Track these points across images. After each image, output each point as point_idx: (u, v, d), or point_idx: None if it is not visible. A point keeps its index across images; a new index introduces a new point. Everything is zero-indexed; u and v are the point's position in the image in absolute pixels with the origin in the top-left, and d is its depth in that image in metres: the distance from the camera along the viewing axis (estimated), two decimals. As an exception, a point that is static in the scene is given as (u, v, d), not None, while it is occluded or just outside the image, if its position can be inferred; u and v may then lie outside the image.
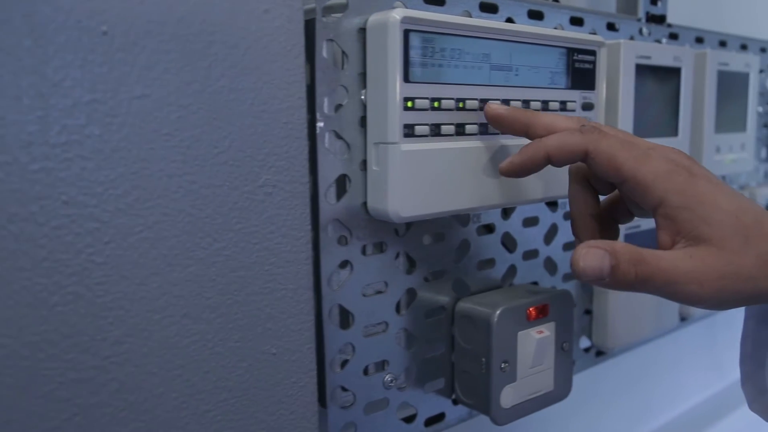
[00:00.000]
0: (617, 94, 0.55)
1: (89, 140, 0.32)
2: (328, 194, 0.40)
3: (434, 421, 0.48)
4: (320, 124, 0.39)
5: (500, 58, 0.44)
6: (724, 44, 0.73)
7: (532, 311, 0.46)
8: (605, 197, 0.42)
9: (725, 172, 0.70)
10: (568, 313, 0.49)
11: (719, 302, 0.33)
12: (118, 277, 0.33)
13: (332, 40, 0.39)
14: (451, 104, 0.41)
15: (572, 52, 0.49)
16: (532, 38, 0.46)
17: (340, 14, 0.39)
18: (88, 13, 0.31)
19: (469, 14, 0.46)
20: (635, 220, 0.59)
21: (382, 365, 0.44)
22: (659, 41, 0.64)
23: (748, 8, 0.92)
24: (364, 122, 0.41)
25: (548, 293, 0.48)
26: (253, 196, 0.37)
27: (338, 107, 0.40)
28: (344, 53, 0.40)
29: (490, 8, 0.48)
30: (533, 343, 0.46)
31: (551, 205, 0.55)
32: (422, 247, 0.45)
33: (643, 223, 0.60)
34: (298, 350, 0.40)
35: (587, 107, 0.51)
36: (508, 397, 0.45)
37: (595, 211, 0.41)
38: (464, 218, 0.48)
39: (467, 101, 0.42)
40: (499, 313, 0.44)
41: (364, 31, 0.40)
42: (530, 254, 0.53)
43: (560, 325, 0.48)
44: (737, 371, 0.46)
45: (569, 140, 0.38)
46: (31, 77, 0.30)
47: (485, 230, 0.50)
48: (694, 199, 0.34)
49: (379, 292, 0.43)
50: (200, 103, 0.35)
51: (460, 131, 0.42)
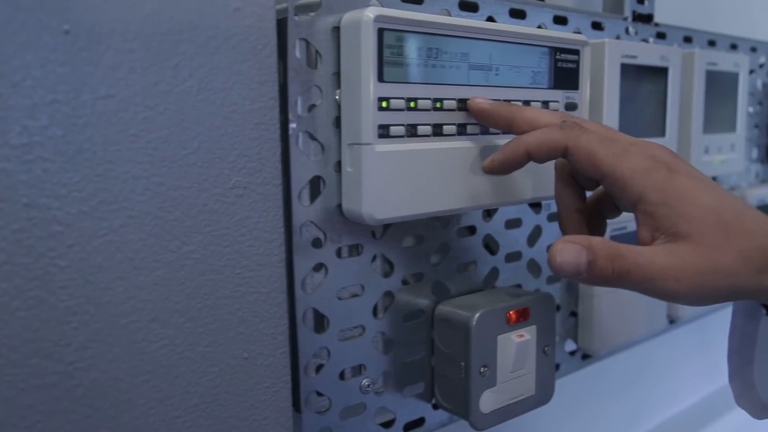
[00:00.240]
0: (602, 94, 0.55)
1: (51, 141, 0.31)
2: (301, 196, 0.40)
3: (414, 426, 0.48)
4: (293, 125, 0.39)
5: (479, 57, 0.44)
6: (713, 44, 0.72)
7: (512, 315, 0.46)
8: (592, 193, 0.42)
9: (715, 173, 0.69)
10: (549, 316, 0.48)
11: (697, 298, 0.33)
12: (82, 281, 0.33)
13: (305, 39, 0.38)
14: (427, 104, 0.41)
15: (555, 51, 0.49)
16: (512, 37, 0.45)
17: (313, 13, 0.39)
18: (49, 11, 0.31)
19: (448, 13, 0.46)
20: (622, 221, 0.58)
21: (358, 370, 0.44)
22: (646, 41, 0.63)
23: (738, 7, 0.91)
24: (338, 123, 0.40)
25: (529, 296, 0.47)
26: (223, 198, 0.37)
27: (312, 107, 0.39)
28: (318, 53, 0.39)
29: (470, 7, 0.47)
30: (513, 347, 0.45)
31: (534, 206, 0.54)
32: (400, 249, 0.45)
33: (629, 224, 0.59)
34: (271, 354, 0.40)
35: (570, 107, 0.51)
36: (487, 401, 0.45)
37: (580, 206, 0.41)
38: (444, 220, 0.47)
39: (445, 101, 0.42)
40: (477, 316, 0.44)
41: (338, 30, 0.39)
42: (513, 256, 0.53)
43: (542, 328, 0.48)
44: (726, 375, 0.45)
45: (549, 137, 0.38)
46: (-12, 77, 0.29)
47: (466, 232, 0.49)
48: (672, 195, 0.34)
49: (355, 295, 0.43)
50: (167, 103, 0.34)
51: (437, 132, 0.42)
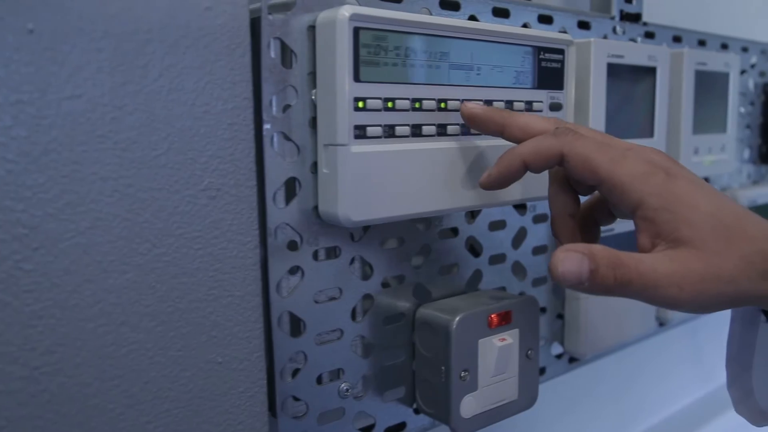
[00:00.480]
0: (588, 94, 0.54)
1: (15, 142, 0.31)
2: (276, 198, 0.39)
3: (395, 430, 0.47)
4: (267, 125, 0.38)
5: (460, 56, 0.43)
6: (703, 43, 0.72)
7: (493, 318, 0.45)
8: (586, 198, 0.42)
9: (705, 173, 0.69)
10: (533, 319, 0.48)
11: (700, 305, 0.33)
12: (48, 284, 0.32)
13: (279, 38, 0.38)
14: (406, 104, 0.40)
15: (539, 50, 0.48)
16: (494, 36, 0.45)
17: (288, 12, 0.38)
18: (12, 10, 0.30)
19: (429, 12, 0.45)
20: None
21: (337, 374, 0.43)
22: (634, 40, 0.63)
23: (729, 7, 0.91)
24: (314, 123, 0.40)
25: (512, 299, 0.47)
26: (195, 200, 0.36)
27: (287, 108, 0.39)
28: (293, 52, 0.39)
29: (451, 5, 0.47)
30: (495, 351, 0.45)
31: (519, 208, 0.54)
32: (380, 251, 0.44)
33: (616, 226, 0.59)
34: (246, 359, 0.39)
35: (555, 107, 0.50)
36: (468, 406, 0.44)
37: (574, 211, 0.40)
38: (425, 221, 0.47)
39: (424, 101, 0.41)
40: (458, 320, 0.43)
41: (314, 29, 0.39)
42: (497, 259, 0.52)
43: (525, 332, 0.47)
44: (722, 375, 0.45)
45: (543, 145, 0.38)
46: (-53, 77, 0.29)
47: (449, 234, 0.49)
48: (672, 200, 0.34)
49: (332, 298, 0.42)
50: (136, 103, 0.34)
51: (416, 132, 0.41)
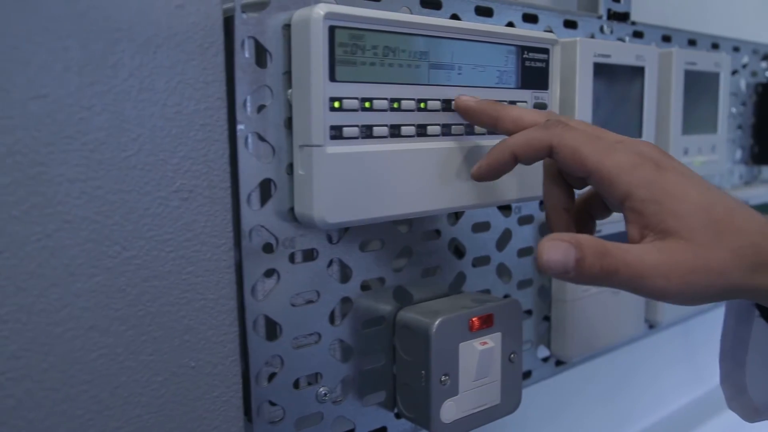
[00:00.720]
0: (574, 94, 0.54)
1: (-22, 143, 0.30)
2: (251, 199, 0.39)
3: (375, 435, 0.47)
4: (241, 126, 0.38)
5: (440, 56, 0.43)
6: (693, 43, 0.71)
7: (475, 321, 0.45)
8: (581, 192, 0.42)
9: (695, 174, 0.68)
10: (515, 322, 0.47)
11: (688, 297, 0.32)
12: (13, 288, 0.32)
13: (254, 37, 0.38)
14: (384, 104, 0.40)
15: (522, 50, 0.48)
16: (476, 35, 0.44)
17: (262, 11, 0.38)
18: (-26, 8, 0.30)
19: (409, 11, 0.45)
20: (597, 224, 0.57)
21: (315, 378, 0.43)
22: (622, 40, 0.62)
23: (720, 6, 0.90)
24: (290, 124, 0.39)
25: (494, 302, 0.47)
26: (167, 201, 0.36)
27: (261, 108, 0.38)
28: (268, 51, 0.38)
29: (433, 4, 0.47)
30: (476, 354, 0.44)
31: (504, 209, 0.53)
32: (359, 254, 0.44)
33: (604, 227, 0.59)
34: (220, 363, 0.39)
35: (540, 107, 0.50)
36: (449, 411, 0.44)
37: (568, 205, 0.40)
38: (406, 223, 0.46)
39: (403, 101, 0.41)
40: (438, 323, 0.43)
41: (289, 27, 0.38)
42: (481, 261, 0.52)
43: (507, 335, 0.47)
44: (715, 377, 0.45)
45: (533, 136, 0.38)
46: None
47: (431, 236, 0.48)
48: (661, 191, 0.34)
49: (310, 301, 0.42)
50: (105, 104, 0.33)
51: (395, 133, 0.41)
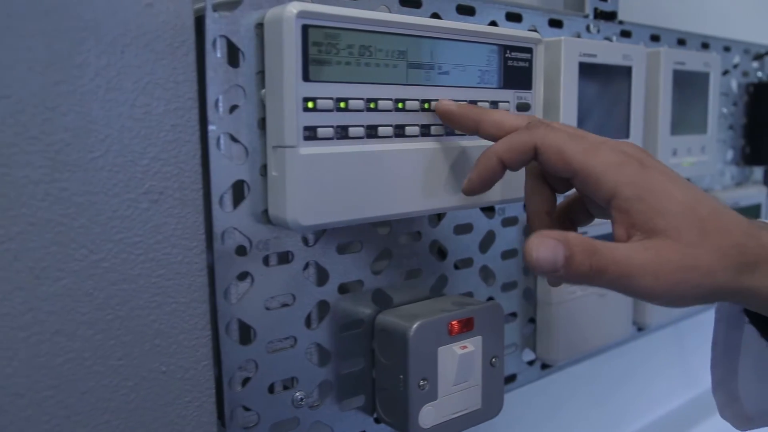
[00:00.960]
0: (558, 94, 0.54)
1: (-62, 144, 0.30)
2: (223, 201, 0.38)
3: (354, 440, 0.46)
4: (212, 126, 0.37)
5: (419, 55, 0.43)
6: (682, 42, 0.71)
7: (454, 325, 0.44)
8: (563, 199, 0.42)
9: (684, 175, 0.68)
10: (497, 326, 0.47)
11: (676, 297, 0.32)
12: (-24, 292, 0.31)
13: (226, 36, 0.37)
14: (359, 105, 0.40)
15: (505, 49, 0.48)
16: (456, 34, 0.44)
17: (235, 9, 0.37)
18: (-67, 6, 0.29)
19: (387, 9, 0.45)
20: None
21: (291, 383, 0.42)
22: (609, 39, 0.62)
23: (710, 5, 0.90)
24: (264, 124, 0.39)
25: (474, 305, 0.46)
26: (136, 204, 0.35)
27: (234, 108, 0.38)
28: (240, 51, 0.38)
29: (412, 3, 0.46)
30: (455, 359, 0.44)
31: (487, 211, 0.53)
32: (336, 256, 0.43)
33: (589, 230, 0.58)
34: (192, 367, 0.38)
35: (523, 108, 0.49)
36: (428, 416, 0.43)
37: (550, 209, 0.40)
38: (385, 225, 0.46)
39: (380, 101, 0.41)
40: (415, 327, 0.42)
41: (262, 26, 0.38)
42: (463, 263, 0.52)
43: (488, 339, 0.46)
44: (705, 381, 0.45)
45: (516, 139, 0.38)
46: None
47: (411, 238, 0.48)
48: (646, 190, 0.34)
49: (285, 305, 0.41)
50: (71, 104, 0.33)
51: (371, 134, 0.40)
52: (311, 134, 0.38)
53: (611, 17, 0.62)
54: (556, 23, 0.57)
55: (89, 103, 0.33)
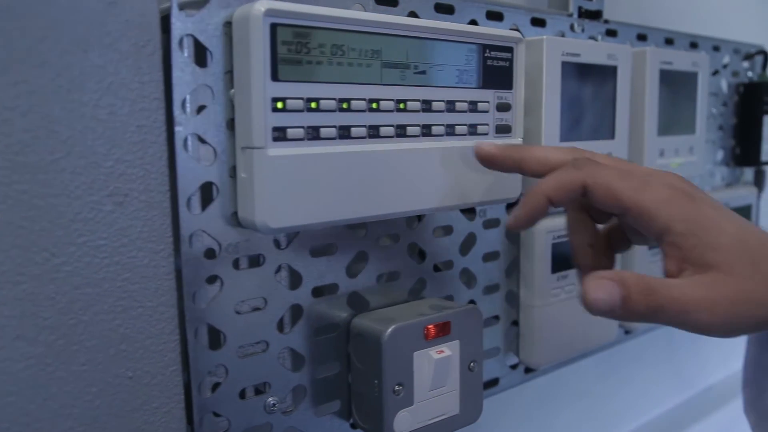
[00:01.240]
0: (540, 94, 0.53)
1: None
2: (191, 203, 0.38)
3: (330, 446, 0.46)
4: (179, 127, 0.37)
5: (394, 54, 0.42)
6: (670, 42, 0.70)
7: (430, 329, 0.44)
8: (603, 226, 0.42)
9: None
10: (475, 330, 0.47)
11: (730, 329, 0.33)
12: (-69, 296, 0.31)
13: (192, 35, 0.37)
14: (331, 105, 0.39)
15: (484, 48, 0.47)
16: (432, 33, 0.44)
17: (202, 8, 0.37)
18: None
19: (362, 8, 0.44)
20: (562, 228, 0.56)
21: (263, 388, 0.42)
22: (594, 38, 0.62)
23: (699, 4, 0.89)
24: (233, 125, 0.38)
25: (452, 309, 0.46)
26: (99, 206, 0.35)
27: (201, 109, 0.38)
28: (208, 50, 0.37)
29: (388, 1, 0.46)
30: (432, 363, 0.44)
31: (468, 212, 0.52)
32: (309, 259, 0.43)
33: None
34: (159, 373, 0.38)
35: (503, 108, 0.49)
36: (403, 421, 0.43)
37: (594, 240, 0.41)
38: (360, 228, 0.45)
39: (353, 101, 0.40)
40: (390, 331, 0.42)
41: (230, 25, 0.37)
42: (443, 266, 0.51)
43: (466, 343, 0.46)
44: (696, 383, 0.45)
45: (565, 178, 0.38)
46: None
47: (388, 240, 0.47)
48: (698, 225, 0.34)
49: (256, 309, 0.41)
50: (30, 104, 0.32)
51: (344, 134, 0.40)
52: (280, 135, 0.37)
53: (596, 16, 0.61)
54: (538, 22, 0.56)
55: (50, 103, 0.33)
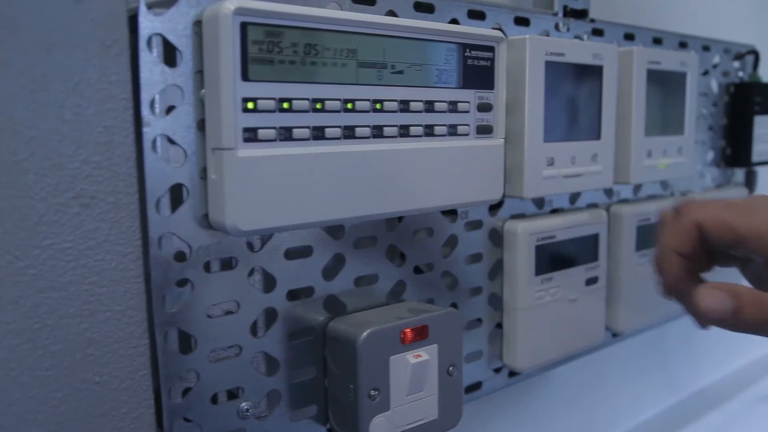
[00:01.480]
0: (523, 94, 0.53)
1: None
2: (160, 205, 0.37)
3: (305, 452, 0.45)
4: (148, 128, 0.36)
5: (370, 54, 0.42)
6: (659, 42, 0.70)
7: (407, 333, 0.43)
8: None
9: (660, 177, 0.67)
10: (454, 334, 0.46)
11: None
12: None
13: (161, 34, 0.36)
14: (304, 105, 0.39)
15: (464, 47, 0.47)
16: (410, 32, 0.43)
17: (172, 6, 0.36)
18: None
19: (339, 7, 0.44)
20: (548, 230, 0.56)
21: (236, 393, 0.41)
22: (580, 38, 0.61)
23: (688, 3, 0.89)
24: (204, 126, 0.38)
25: (430, 312, 0.45)
26: (65, 208, 0.34)
27: (171, 109, 0.37)
28: (177, 50, 0.37)
29: (366, 0, 0.45)
30: (408, 368, 0.43)
31: (449, 214, 0.52)
32: (284, 262, 0.42)
33: (558, 233, 0.57)
34: (128, 378, 0.37)
35: (484, 108, 0.48)
36: (379, 427, 0.43)
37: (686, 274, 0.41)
38: (336, 230, 0.45)
39: (327, 102, 0.40)
40: (365, 335, 0.41)
41: (200, 24, 0.37)
42: (423, 268, 0.51)
43: (445, 347, 0.45)
44: (687, 386, 0.45)
45: (679, 227, 0.39)
46: None
47: (366, 242, 0.47)
48: None
49: (229, 312, 0.41)
50: (-8, 104, 0.32)
51: (318, 135, 0.40)
52: (251, 136, 0.37)
53: (582, 15, 0.61)
54: (522, 21, 0.56)
55: (13, 104, 0.33)
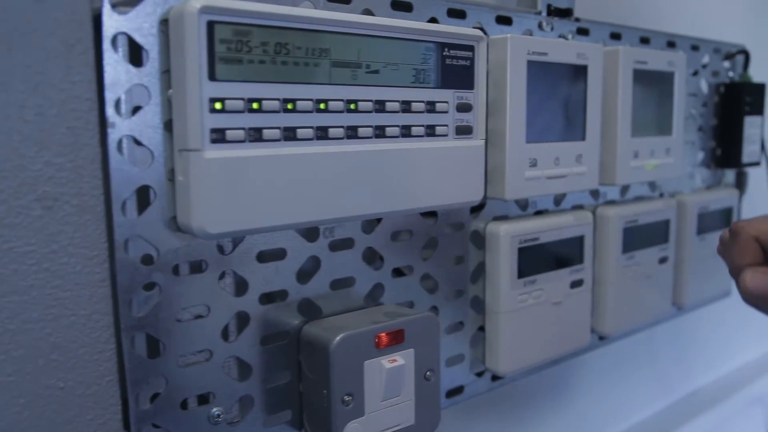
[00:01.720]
0: (505, 94, 0.52)
1: None
2: (126, 208, 0.37)
3: (280, 458, 0.45)
4: (113, 129, 0.36)
5: (344, 53, 0.41)
6: (646, 41, 0.70)
7: (382, 337, 0.43)
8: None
9: (648, 178, 0.67)
10: (431, 338, 0.46)
11: None
12: None
13: (126, 33, 0.36)
14: (275, 105, 0.38)
15: (442, 47, 0.46)
16: (386, 31, 0.43)
17: (137, 5, 0.36)
18: None
19: (312, 6, 0.43)
20: (533, 232, 0.56)
21: (206, 398, 0.41)
22: (564, 37, 0.61)
23: (677, 2, 0.89)
24: (171, 127, 0.37)
25: (406, 316, 0.45)
26: (26, 211, 0.34)
27: (137, 110, 0.37)
28: (143, 49, 0.36)
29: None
30: (383, 373, 0.43)
31: (428, 215, 0.52)
32: (256, 265, 0.42)
33: (542, 235, 0.57)
34: (95, 383, 0.37)
35: (463, 108, 0.48)
36: (353, 433, 0.42)
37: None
38: (310, 232, 0.44)
39: (298, 102, 0.39)
40: (338, 340, 0.41)
41: (167, 23, 0.37)
42: (402, 271, 0.50)
43: (421, 351, 0.45)
44: (678, 389, 0.44)
45: (744, 249, 0.41)
46: None
47: (342, 245, 0.46)
48: None
49: (198, 316, 0.40)
50: (-51, 105, 0.32)
51: (289, 136, 0.39)
52: (219, 137, 0.36)
53: (566, 14, 0.60)
54: (504, 20, 0.56)
55: (-29, 104, 0.32)
